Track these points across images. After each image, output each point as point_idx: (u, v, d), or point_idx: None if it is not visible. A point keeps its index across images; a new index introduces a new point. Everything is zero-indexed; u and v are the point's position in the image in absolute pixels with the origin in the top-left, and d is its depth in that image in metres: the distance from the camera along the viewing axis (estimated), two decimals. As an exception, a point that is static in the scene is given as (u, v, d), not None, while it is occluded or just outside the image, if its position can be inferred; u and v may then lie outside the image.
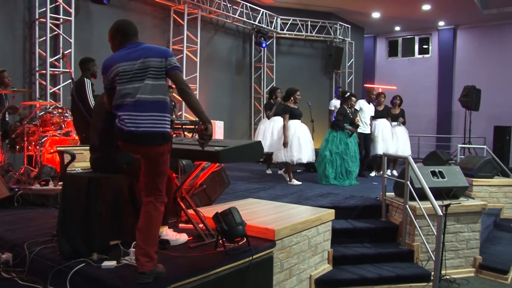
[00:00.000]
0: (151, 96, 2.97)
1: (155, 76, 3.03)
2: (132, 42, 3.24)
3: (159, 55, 3.07)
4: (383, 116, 8.96)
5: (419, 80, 17.66)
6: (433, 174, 5.65)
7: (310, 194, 6.50)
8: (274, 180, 8.06)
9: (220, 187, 5.28)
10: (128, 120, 2.91)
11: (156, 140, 2.93)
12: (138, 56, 3.07)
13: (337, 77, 15.37)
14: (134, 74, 3.01)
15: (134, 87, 2.97)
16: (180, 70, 3.13)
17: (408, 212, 5.23)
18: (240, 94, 13.50)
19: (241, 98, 13.59)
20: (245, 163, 10.64)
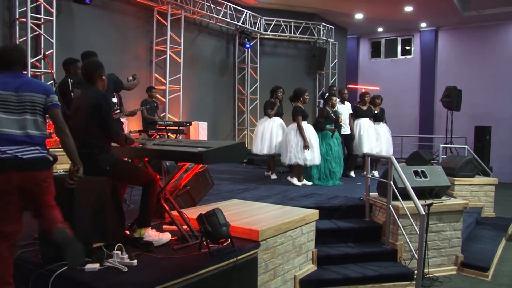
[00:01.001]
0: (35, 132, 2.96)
1: (33, 112, 2.95)
2: (11, 71, 3.00)
3: (42, 92, 3.00)
4: (367, 115, 9.01)
5: (401, 81, 17.84)
6: (416, 174, 5.71)
7: (294, 195, 6.50)
8: (258, 181, 8.06)
9: (204, 188, 5.26)
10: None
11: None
12: (16, 88, 2.93)
13: (320, 77, 15.45)
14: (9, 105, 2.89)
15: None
16: (60, 108, 3.08)
17: (392, 212, 5.27)
18: (224, 95, 13.49)
19: (225, 98, 13.58)
20: (230, 164, 10.63)
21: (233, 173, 9.42)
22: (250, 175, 9.05)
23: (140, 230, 3.74)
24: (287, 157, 7.46)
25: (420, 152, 9.46)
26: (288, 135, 7.56)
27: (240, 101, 14.10)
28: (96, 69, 3.73)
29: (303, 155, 7.36)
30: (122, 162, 3.72)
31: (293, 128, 7.53)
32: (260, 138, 8.14)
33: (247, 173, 9.42)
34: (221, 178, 8.21)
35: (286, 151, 7.53)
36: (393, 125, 10.96)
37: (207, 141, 3.97)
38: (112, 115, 3.64)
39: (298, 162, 7.40)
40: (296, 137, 7.42)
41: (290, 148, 7.42)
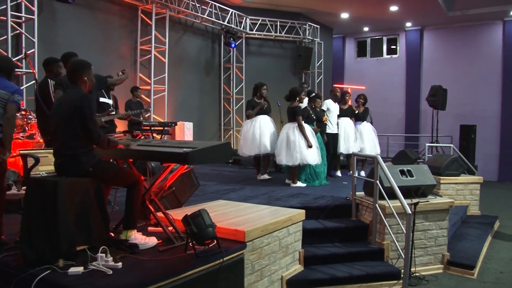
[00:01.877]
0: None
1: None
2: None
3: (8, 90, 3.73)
4: (347, 115, 9.03)
5: (387, 80, 17.96)
6: (402, 173, 5.74)
7: (281, 195, 6.51)
8: (244, 181, 8.05)
9: (189, 189, 5.24)
10: None
11: None
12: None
13: (306, 77, 15.49)
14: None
15: None
16: (17, 105, 3.79)
17: (378, 211, 5.30)
18: (209, 95, 13.46)
19: (211, 98, 13.55)
20: (215, 164, 10.60)
21: (218, 173, 9.40)
22: (236, 176, 9.04)
23: (126, 232, 3.71)
24: (293, 157, 7.35)
25: (406, 151, 9.53)
26: (289, 135, 7.46)
27: (225, 101, 14.08)
28: (78, 68, 3.67)
29: (301, 155, 7.33)
30: (105, 163, 3.69)
31: (292, 128, 7.48)
32: (245, 140, 8.03)
33: (233, 174, 9.40)
34: (207, 179, 8.18)
35: (287, 152, 7.43)
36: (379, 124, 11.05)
37: (192, 142, 3.96)
38: (94, 118, 3.60)
39: (304, 162, 7.36)
40: (299, 137, 7.38)
41: (296, 149, 7.34)
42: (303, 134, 7.35)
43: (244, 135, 8.09)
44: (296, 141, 7.37)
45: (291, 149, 7.39)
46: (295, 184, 7.52)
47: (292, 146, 7.38)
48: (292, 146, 7.38)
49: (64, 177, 3.46)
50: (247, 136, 7.99)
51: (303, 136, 7.34)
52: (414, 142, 16.70)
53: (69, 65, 3.76)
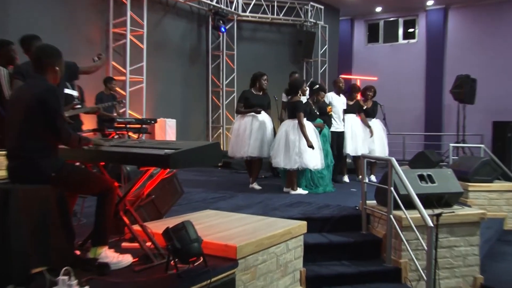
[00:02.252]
0: None
1: None
2: None
3: None
4: (352, 111, 9.03)
5: (403, 70, 17.97)
6: (421, 179, 5.73)
7: (278, 204, 6.49)
8: (235, 188, 8.04)
9: (171, 197, 5.22)
10: None
11: None
12: None
13: (308, 67, 15.52)
14: None
15: None
16: None
17: (393, 223, 5.28)
18: (195, 87, 13.45)
19: (197, 91, 13.54)
20: (202, 168, 10.59)
21: (206, 179, 9.39)
22: (226, 181, 9.02)
23: (95, 250, 3.66)
24: (292, 160, 7.35)
25: (426, 153, 9.55)
26: (288, 134, 7.45)
27: (214, 94, 14.07)
28: (50, 55, 3.62)
29: (300, 158, 7.33)
30: (71, 167, 3.65)
31: (292, 126, 7.47)
32: (236, 139, 7.98)
33: (223, 179, 9.39)
34: (192, 185, 8.16)
35: (285, 153, 7.42)
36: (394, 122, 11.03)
37: (175, 142, 3.94)
38: (62, 113, 3.55)
39: (303, 166, 7.35)
40: (300, 136, 7.37)
41: (296, 150, 7.33)
42: (303, 133, 7.35)
43: (235, 133, 8.05)
44: (296, 141, 7.36)
45: (289, 150, 7.37)
46: (295, 191, 7.51)
47: (291, 146, 7.36)
48: (291, 147, 7.36)
49: (18, 184, 3.40)
50: (239, 134, 7.95)
51: (303, 136, 7.34)
52: (436, 142, 16.64)
53: (37, 51, 3.70)
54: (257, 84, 8.03)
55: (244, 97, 8.00)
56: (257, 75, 8.06)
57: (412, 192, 5.00)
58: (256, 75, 8.07)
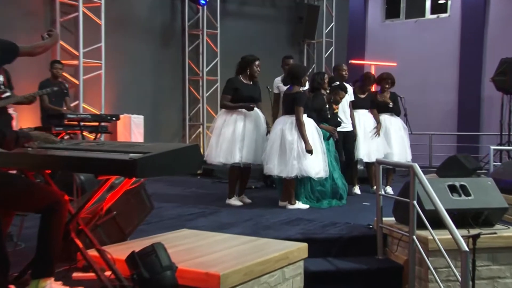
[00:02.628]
0: None
1: None
2: None
3: None
4: (365, 106, 9.06)
5: (431, 53, 17.91)
6: (453, 190, 5.73)
7: (272, 221, 6.50)
8: (219, 201, 8.05)
9: (138, 214, 5.22)
10: None
11: None
12: None
13: (310, 50, 15.57)
14: None
15: None
16: None
17: (417, 247, 5.29)
18: (168, 75, 13.45)
19: (170, 81, 13.54)
20: (177, 177, 10.57)
21: (182, 190, 9.41)
22: (207, 193, 9.04)
23: (37, 283, 3.62)
24: (289, 166, 7.34)
25: (460, 158, 9.55)
26: (284, 133, 7.45)
27: (192, 84, 14.07)
28: None
29: (300, 164, 7.33)
30: (6, 177, 3.63)
31: (290, 124, 7.48)
32: (218, 140, 7.88)
33: (203, 190, 9.41)
34: (165, 199, 8.17)
35: (281, 158, 7.43)
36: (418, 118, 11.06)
37: (143, 144, 3.93)
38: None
39: (303, 174, 7.35)
40: (299, 137, 7.38)
41: (294, 154, 7.32)
42: (301, 133, 7.36)
43: (217, 132, 8.02)
44: (294, 142, 7.36)
45: (286, 153, 7.38)
46: (293, 205, 7.53)
47: (288, 149, 7.37)
48: (288, 149, 7.37)
49: None
50: (223, 134, 7.92)
51: (301, 137, 7.36)
52: (472, 144, 16.49)
53: None
54: (247, 71, 7.98)
55: (232, 88, 7.87)
56: (249, 59, 7.98)
57: (441, 207, 5.01)
58: (248, 60, 7.99)
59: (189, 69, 13.97)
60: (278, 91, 8.71)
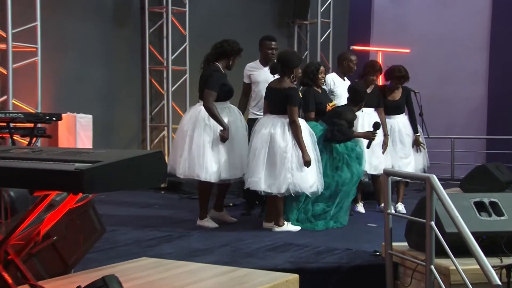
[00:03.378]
0: None
1: None
2: None
3: None
4: (370, 103, 9.09)
5: (454, 36, 17.91)
6: (481, 208, 5.75)
7: (255, 247, 6.55)
8: (188, 223, 8.12)
9: (85, 239, 5.20)
10: None
11: None
12: None
13: (301, 32, 15.63)
14: None
15: None
16: None
17: (436, 279, 5.32)
18: (123, 64, 13.45)
19: (126, 71, 13.54)
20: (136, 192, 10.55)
21: (142, 209, 9.45)
22: (174, 213, 9.08)
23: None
24: (280, 179, 7.38)
25: (489, 168, 9.60)
26: (274, 138, 7.48)
27: (154, 75, 14.08)
28: None
29: (303, 177, 7.39)
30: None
31: (282, 126, 7.52)
32: (183, 146, 7.88)
33: (169, 209, 9.44)
34: (120, 219, 8.21)
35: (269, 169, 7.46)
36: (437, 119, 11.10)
37: (92, 151, 3.91)
38: None
39: (297, 190, 7.40)
40: (294, 143, 7.43)
41: (288, 165, 7.37)
42: (298, 141, 7.41)
43: (181, 134, 8.02)
44: (288, 150, 7.41)
45: (277, 164, 7.43)
46: (281, 227, 7.56)
47: (279, 158, 7.42)
48: (280, 159, 7.41)
49: None
50: (189, 138, 7.91)
51: (298, 144, 7.39)
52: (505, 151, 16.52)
53: None
54: (230, 61, 8.08)
55: (219, 83, 7.87)
56: (237, 50, 8.08)
57: (466, 230, 5.03)
58: (234, 50, 8.08)
59: (150, 56, 13.96)
60: (249, 80, 8.71)
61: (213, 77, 7.84)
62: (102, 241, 5.72)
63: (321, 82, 8.41)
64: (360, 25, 18.76)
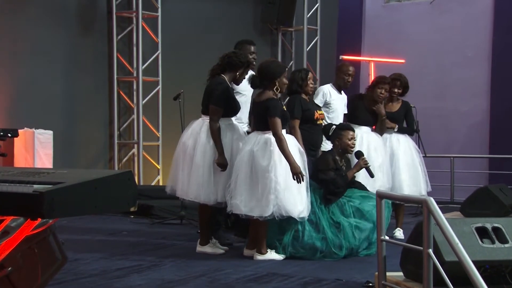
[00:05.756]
0: None
1: None
2: None
3: None
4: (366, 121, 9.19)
5: (453, 45, 18.03)
6: (483, 235, 5.77)
7: (234, 277, 6.55)
8: (160, 250, 8.13)
9: (44, 270, 5.17)
10: None
11: None
12: None
13: (286, 40, 15.65)
14: None
15: None
16: None
17: (433, 313, 5.33)
18: (88, 74, 13.46)
19: (91, 82, 13.55)
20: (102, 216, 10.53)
21: (109, 235, 9.42)
22: (144, 240, 9.05)
23: None
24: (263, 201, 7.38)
25: (492, 190, 9.62)
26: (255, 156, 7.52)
27: (123, 87, 14.06)
28: None
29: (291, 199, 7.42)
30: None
31: (262, 144, 7.56)
32: (183, 155, 7.99)
33: (138, 235, 9.43)
34: (84, 247, 8.18)
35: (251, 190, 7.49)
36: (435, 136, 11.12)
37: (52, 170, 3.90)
38: None
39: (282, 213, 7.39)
40: (279, 161, 7.45)
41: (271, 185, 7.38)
42: (284, 153, 7.43)
43: (183, 152, 8.05)
44: (271, 169, 7.43)
45: (259, 185, 7.45)
46: (264, 255, 7.57)
47: (261, 178, 7.45)
48: (262, 179, 7.44)
49: None
50: (187, 156, 7.96)
51: (285, 157, 7.43)
52: (510, 172, 16.56)
53: None
54: (237, 74, 8.08)
55: (224, 97, 7.92)
56: (245, 62, 8.09)
57: (467, 258, 5.04)
58: (246, 61, 8.12)
59: (119, 66, 13.97)
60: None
61: (217, 91, 7.90)
62: (63, 272, 5.70)
63: (310, 89, 8.42)
64: (350, 32, 18.85)
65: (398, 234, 8.99)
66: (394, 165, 9.15)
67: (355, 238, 7.79)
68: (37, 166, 10.49)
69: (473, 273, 4.93)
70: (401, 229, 9.16)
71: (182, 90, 10.21)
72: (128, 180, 3.70)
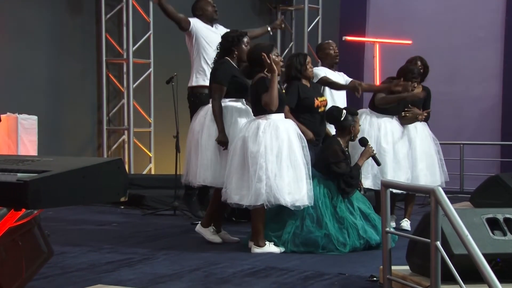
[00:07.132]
0: None
1: None
2: None
3: None
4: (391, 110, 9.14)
5: (463, 24, 17.99)
6: (494, 226, 5.77)
7: (230, 271, 6.54)
8: (153, 242, 8.14)
9: (28, 263, 5.18)
10: None
11: None
12: None
13: (286, 20, 15.58)
14: None
15: None
16: None
17: (441, 308, 5.34)
18: (75, 56, 13.45)
19: (78, 64, 13.55)
20: (90, 207, 10.53)
21: (97, 227, 9.43)
22: (135, 231, 9.08)
23: None
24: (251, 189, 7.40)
25: (504, 179, 9.62)
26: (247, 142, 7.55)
27: (112, 70, 14.06)
28: None
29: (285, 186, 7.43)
30: None
31: (254, 128, 7.59)
32: (196, 143, 8.10)
33: (128, 227, 9.45)
34: (71, 240, 8.18)
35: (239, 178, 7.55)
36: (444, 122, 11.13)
37: (37, 158, 3.90)
38: None
39: (276, 202, 7.42)
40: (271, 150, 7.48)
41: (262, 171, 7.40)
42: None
43: (192, 139, 8.10)
44: (259, 154, 7.45)
45: (249, 171, 7.50)
46: (261, 248, 7.60)
47: (251, 165, 7.49)
48: (251, 166, 7.48)
49: None
50: (195, 141, 8.03)
51: None
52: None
53: None
54: (234, 53, 8.14)
55: (228, 75, 7.99)
56: (235, 37, 8.17)
57: (477, 251, 5.05)
58: (235, 36, 8.19)
59: (108, 47, 13.96)
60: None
61: (219, 70, 8.03)
62: (49, 266, 5.70)
63: (310, 73, 8.40)
64: (354, 11, 18.80)
65: (405, 225, 8.99)
66: (411, 154, 9.15)
67: (360, 243, 7.81)
68: (21, 153, 10.48)
69: (484, 266, 4.94)
70: (408, 220, 9.15)
71: (175, 73, 10.25)
72: (118, 168, 3.70)
